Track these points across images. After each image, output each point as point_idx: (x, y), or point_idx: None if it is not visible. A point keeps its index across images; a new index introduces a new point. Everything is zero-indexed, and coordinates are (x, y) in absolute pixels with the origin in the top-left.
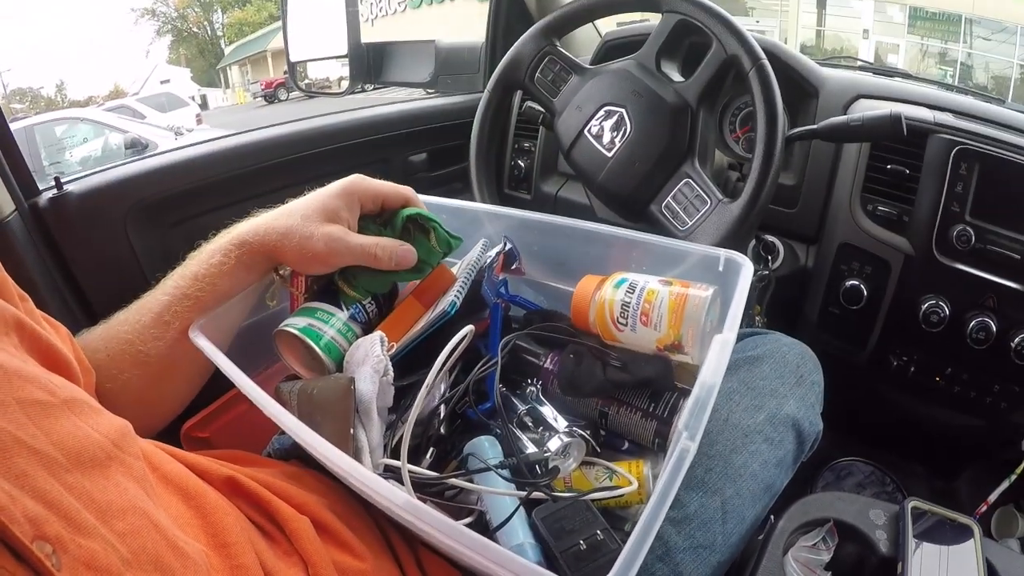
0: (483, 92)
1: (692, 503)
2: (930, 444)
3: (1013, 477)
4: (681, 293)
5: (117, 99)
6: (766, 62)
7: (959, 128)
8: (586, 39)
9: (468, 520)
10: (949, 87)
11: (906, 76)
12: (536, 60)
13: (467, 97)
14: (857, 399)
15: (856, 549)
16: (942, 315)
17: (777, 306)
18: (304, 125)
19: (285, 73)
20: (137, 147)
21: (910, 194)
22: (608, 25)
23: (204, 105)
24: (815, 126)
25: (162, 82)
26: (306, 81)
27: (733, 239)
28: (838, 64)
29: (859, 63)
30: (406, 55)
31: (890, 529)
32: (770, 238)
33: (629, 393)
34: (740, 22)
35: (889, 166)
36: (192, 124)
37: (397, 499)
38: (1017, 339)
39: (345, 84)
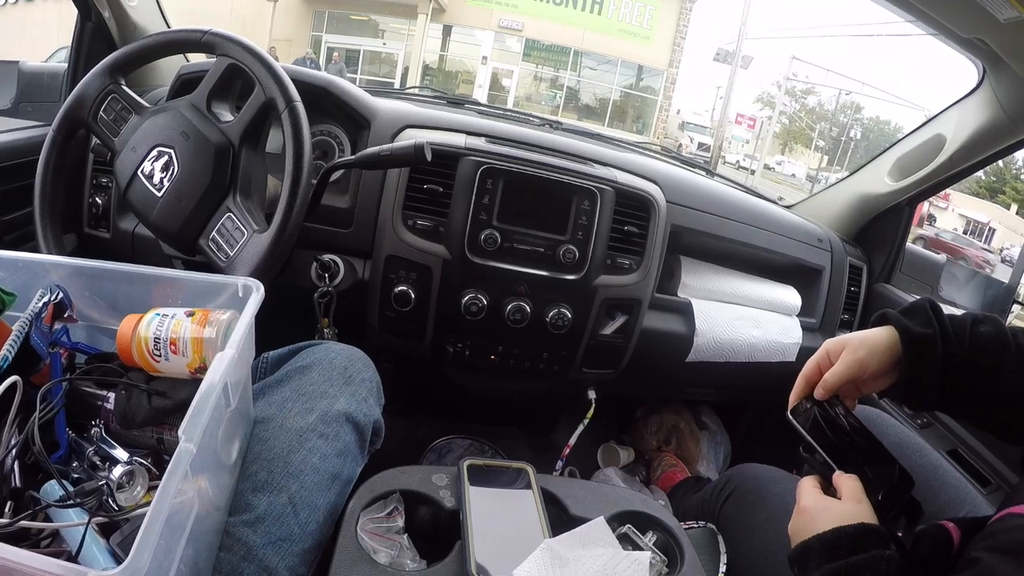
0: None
1: (261, 504)
2: (518, 409)
3: (586, 421)
4: (201, 320)
5: None
6: (297, 104)
7: (486, 151)
8: (168, 70)
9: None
10: (507, 116)
11: (475, 104)
12: (100, 99)
13: (42, 131)
14: (435, 385)
15: (429, 510)
16: (481, 305)
17: (345, 317)
18: None
19: None
20: None
21: (445, 208)
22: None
23: None
24: (352, 157)
25: None
26: None
27: (268, 264)
28: (403, 96)
29: (426, 94)
30: None
31: (453, 487)
32: (328, 257)
33: (174, 417)
34: (283, 66)
35: (426, 185)
36: None
37: None
38: (550, 315)
39: None
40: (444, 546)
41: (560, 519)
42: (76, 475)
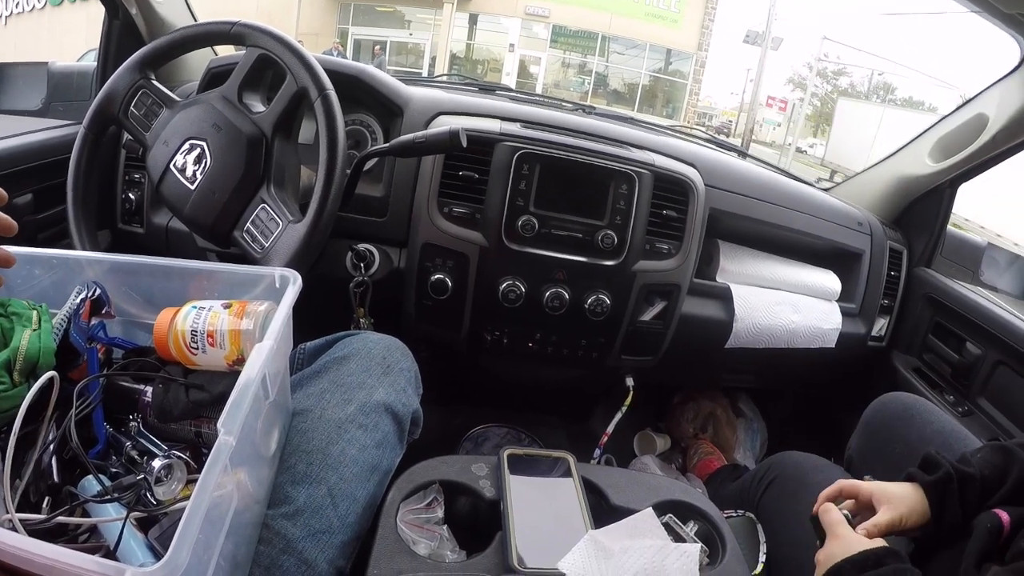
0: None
1: (300, 496)
2: (555, 397)
3: (624, 409)
4: (238, 312)
5: None
6: (330, 92)
7: (522, 136)
8: (197, 65)
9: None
10: (539, 101)
11: (507, 89)
12: (130, 94)
13: (73, 129)
14: (472, 374)
15: (468, 500)
16: (519, 292)
17: (381, 306)
18: None
19: None
20: None
21: (481, 195)
22: (226, 50)
23: None
24: (386, 145)
25: None
26: None
27: (304, 255)
28: (434, 83)
29: (456, 80)
30: (16, 78)
31: (493, 477)
32: (363, 247)
33: (212, 410)
34: (314, 56)
35: (461, 172)
36: None
37: (14, 542)
38: (589, 301)
39: None
40: (484, 536)
41: (601, 508)
42: (114, 470)
